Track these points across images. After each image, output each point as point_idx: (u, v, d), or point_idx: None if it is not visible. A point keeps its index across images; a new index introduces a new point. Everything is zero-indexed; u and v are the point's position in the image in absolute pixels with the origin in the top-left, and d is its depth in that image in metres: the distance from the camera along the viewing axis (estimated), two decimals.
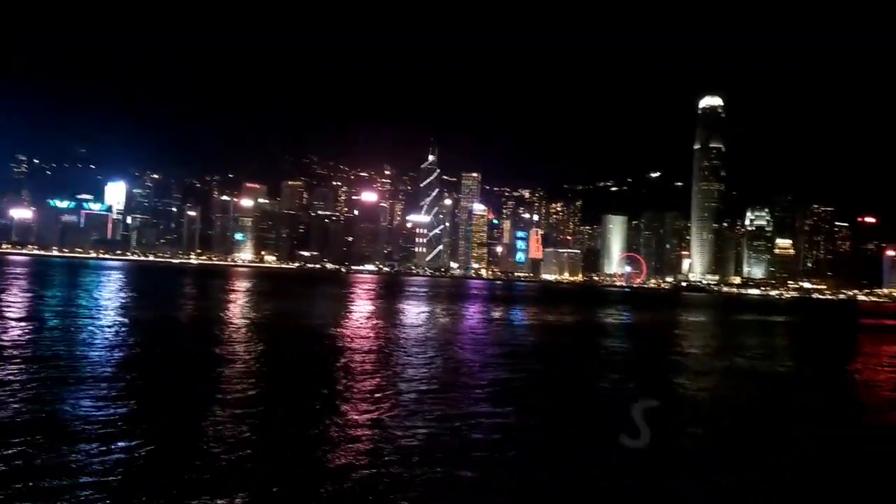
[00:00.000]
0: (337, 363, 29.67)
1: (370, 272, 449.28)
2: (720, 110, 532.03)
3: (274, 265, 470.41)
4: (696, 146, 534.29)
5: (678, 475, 15.70)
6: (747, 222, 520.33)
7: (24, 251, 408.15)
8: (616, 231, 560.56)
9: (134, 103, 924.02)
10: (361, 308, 71.01)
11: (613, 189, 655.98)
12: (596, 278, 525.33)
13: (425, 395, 22.94)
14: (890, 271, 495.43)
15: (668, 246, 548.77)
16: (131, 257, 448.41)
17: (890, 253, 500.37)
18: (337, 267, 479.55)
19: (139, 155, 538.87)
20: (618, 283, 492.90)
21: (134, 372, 24.72)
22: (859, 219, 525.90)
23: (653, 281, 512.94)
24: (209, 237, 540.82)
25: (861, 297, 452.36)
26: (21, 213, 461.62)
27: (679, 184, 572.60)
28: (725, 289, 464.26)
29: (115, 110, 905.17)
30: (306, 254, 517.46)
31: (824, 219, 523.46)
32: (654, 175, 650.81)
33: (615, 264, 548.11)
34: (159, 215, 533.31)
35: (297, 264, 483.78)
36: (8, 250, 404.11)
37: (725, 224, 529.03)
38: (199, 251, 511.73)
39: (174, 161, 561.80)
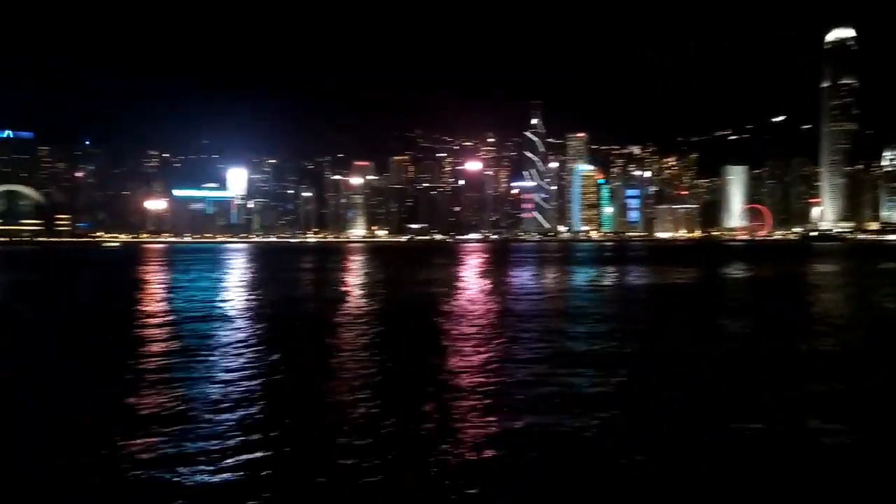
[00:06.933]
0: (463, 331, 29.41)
1: (476, 241, 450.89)
2: (851, 43, 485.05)
3: (385, 239, 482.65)
4: (825, 84, 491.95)
5: None
6: (884, 162, 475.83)
7: (160, 239, 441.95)
8: (736, 182, 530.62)
9: (249, 96, 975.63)
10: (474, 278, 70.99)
11: (732, 138, 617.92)
12: (716, 233, 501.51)
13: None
14: None
15: (794, 194, 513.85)
16: (254, 239, 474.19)
17: None
18: (444, 237, 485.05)
19: (257, 143, 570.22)
20: (740, 237, 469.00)
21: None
22: None
23: (779, 232, 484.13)
24: (323, 216, 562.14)
25: None
26: (155, 205, 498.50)
27: (806, 126, 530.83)
28: (861, 236, 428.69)
29: (231, 102, 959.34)
30: (415, 226, 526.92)
31: None
32: (777, 119, 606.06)
33: (736, 217, 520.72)
34: (278, 198, 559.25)
35: (406, 237, 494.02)
36: (146, 239, 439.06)
37: (859, 166, 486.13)
38: (315, 230, 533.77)
39: (289, 146, 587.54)
